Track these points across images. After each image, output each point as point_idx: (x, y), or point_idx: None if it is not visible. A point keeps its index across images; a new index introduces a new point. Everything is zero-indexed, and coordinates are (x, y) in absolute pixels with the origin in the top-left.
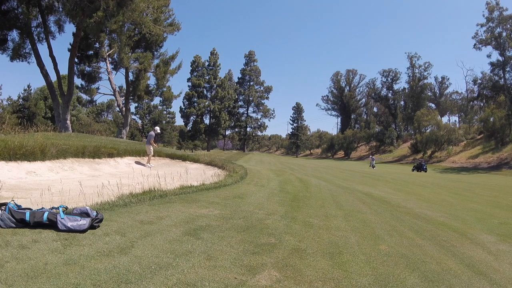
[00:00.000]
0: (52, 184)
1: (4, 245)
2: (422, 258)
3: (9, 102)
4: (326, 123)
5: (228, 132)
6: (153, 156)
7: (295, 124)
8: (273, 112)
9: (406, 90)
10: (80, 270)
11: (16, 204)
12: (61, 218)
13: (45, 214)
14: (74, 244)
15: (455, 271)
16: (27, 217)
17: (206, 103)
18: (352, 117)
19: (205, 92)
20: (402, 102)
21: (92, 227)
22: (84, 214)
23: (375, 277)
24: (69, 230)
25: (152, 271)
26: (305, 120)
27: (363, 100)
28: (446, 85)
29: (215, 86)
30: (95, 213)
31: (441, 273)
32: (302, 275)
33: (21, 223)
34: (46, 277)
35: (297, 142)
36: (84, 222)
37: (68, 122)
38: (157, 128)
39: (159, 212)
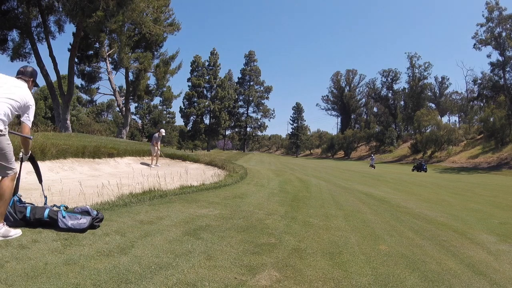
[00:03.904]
0: (52, 184)
1: (4, 245)
2: (422, 258)
3: None
4: (326, 123)
5: (228, 132)
6: (161, 156)
7: (295, 124)
8: (273, 112)
9: (406, 90)
10: (80, 270)
11: (20, 199)
12: (62, 217)
13: (46, 211)
14: (74, 244)
15: (455, 271)
16: (28, 213)
17: (206, 103)
18: (352, 117)
19: (205, 92)
20: (402, 102)
21: (92, 226)
22: (85, 212)
23: (375, 277)
24: (69, 229)
25: (152, 271)
26: (305, 120)
27: (363, 100)
28: (446, 85)
29: (215, 86)
30: (95, 212)
31: (441, 273)
32: (302, 275)
33: (21, 220)
34: (46, 277)
35: (297, 142)
36: (85, 220)
37: (68, 122)
38: (162, 131)
39: (159, 212)
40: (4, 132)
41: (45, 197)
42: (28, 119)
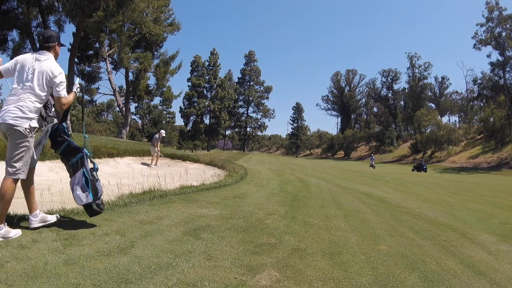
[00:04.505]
0: (52, 184)
1: (4, 245)
2: (422, 258)
3: None
4: (326, 123)
5: (228, 132)
6: (161, 156)
7: (295, 124)
8: (273, 112)
9: (406, 90)
10: (80, 270)
11: (66, 129)
12: (81, 176)
13: (75, 159)
14: (74, 244)
15: (455, 271)
16: (62, 148)
17: (206, 103)
18: (352, 117)
19: (205, 92)
20: (402, 102)
21: (89, 208)
22: (99, 195)
23: (375, 277)
24: (72, 192)
25: (152, 271)
26: (305, 120)
27: (363, 100)
28: (446, 85)
29: (215, 86)
30: (95, 206)
31: (441, 273)
32: (302, 275)
33: (56, 148)
34: (46, 277)
35: (297, 142)
36: (84, 200)
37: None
38: (163, 131)
39: (159, 212)
40: (27, 133)
41: (85, 137)
42: (58, 91)
